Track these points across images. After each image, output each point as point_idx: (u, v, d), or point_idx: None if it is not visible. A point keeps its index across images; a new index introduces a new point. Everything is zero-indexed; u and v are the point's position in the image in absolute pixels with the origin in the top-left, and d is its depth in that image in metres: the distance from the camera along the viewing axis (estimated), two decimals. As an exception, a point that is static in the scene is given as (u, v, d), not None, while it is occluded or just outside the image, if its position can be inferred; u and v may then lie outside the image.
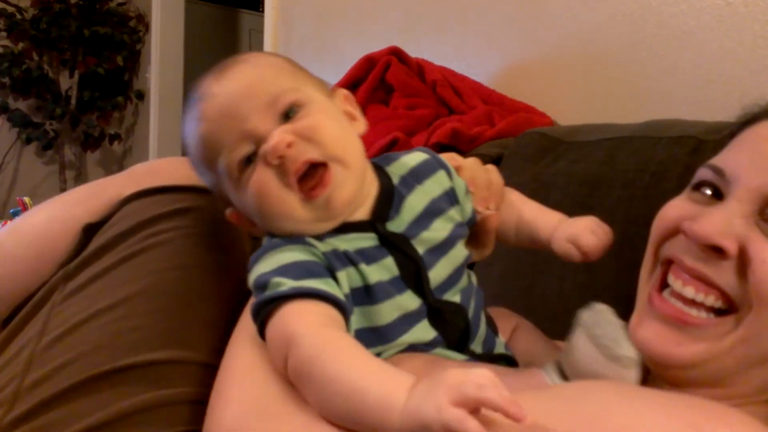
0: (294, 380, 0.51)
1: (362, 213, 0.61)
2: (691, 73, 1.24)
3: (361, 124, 0.64)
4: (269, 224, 0.59)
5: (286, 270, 0.54)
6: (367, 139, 0.65)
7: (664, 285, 0.61)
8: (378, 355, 0.58)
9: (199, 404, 0.59)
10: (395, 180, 0.64)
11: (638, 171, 0.97)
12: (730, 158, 0.61)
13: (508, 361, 0.67)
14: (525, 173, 1.17)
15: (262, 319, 0.54)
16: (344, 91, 0.66)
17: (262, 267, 0.56)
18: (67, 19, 3.67)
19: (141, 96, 3.94)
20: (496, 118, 1.44)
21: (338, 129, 0.59)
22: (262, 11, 2.77)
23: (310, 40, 2.45)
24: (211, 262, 0.69)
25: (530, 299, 1.06)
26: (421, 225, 0.62)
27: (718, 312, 0.57)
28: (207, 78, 0.60)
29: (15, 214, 2.15)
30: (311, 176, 0.56)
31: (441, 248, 0.62)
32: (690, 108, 1.22)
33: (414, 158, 0.66)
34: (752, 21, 1.16)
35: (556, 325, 0.72)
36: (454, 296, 0.63)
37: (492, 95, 1.53)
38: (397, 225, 0.61)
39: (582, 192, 1.04)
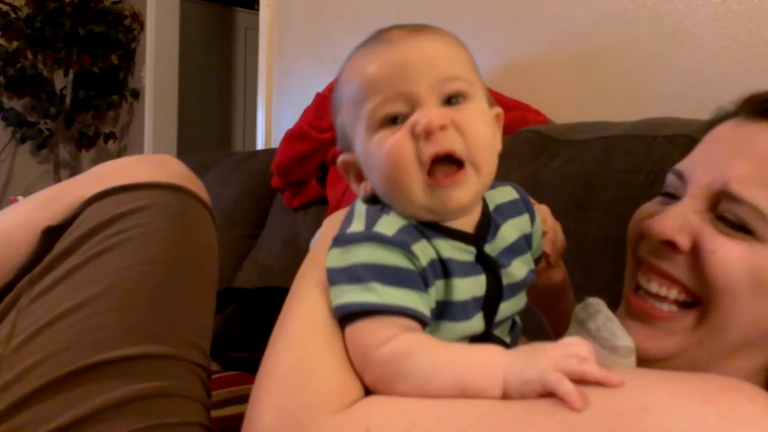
0: (380, 383, 0.53)
1: (465, 224, 0.60)
2: (686, 71, 1.24)
3: (499, 143, 0.63)
4: (382, 188, 0.58)
5: (385, 274, 0.54)
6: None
7: (639, 285, 0.65)
8: None
9: (170, 397, 0.60)
10: (491, 206, 0.64)
11: (634, 171, 0.97)
12: (689, 161, 0.65)
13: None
14: (520, 172, 1.17)
15: (347, 313, 0.55)
16: (500, 110, 0.66)
17: (361, 254, 0.55)
18: (61, 18, 3.66)
19: (136, 95, 3.93)
20: (491, 116, 1.44)
21: (488, 135, 0.58)
22: (258, 9, 2.76)
23: (305, 38, 2.44)
24: (177, 255, 0.68)
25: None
26: (507, 258, 0.62)
27: (684, 305, 0.61)
28: (399, 29, 0.60)
29: (9, 214, 2.14)
30: (444, 166, 0.55)
31: (515, 287, 0.62)
32: (685, 106, 1.22)
33: (507, 194, 0.67)
34: (747, 19, 1.15)
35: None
36: (504, 335, 0.64)
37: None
38: (491, 249, 0.61)
39: (577, 192, 1.04)
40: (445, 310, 0.57)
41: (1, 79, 3.71)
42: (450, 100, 0.57)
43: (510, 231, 0.63)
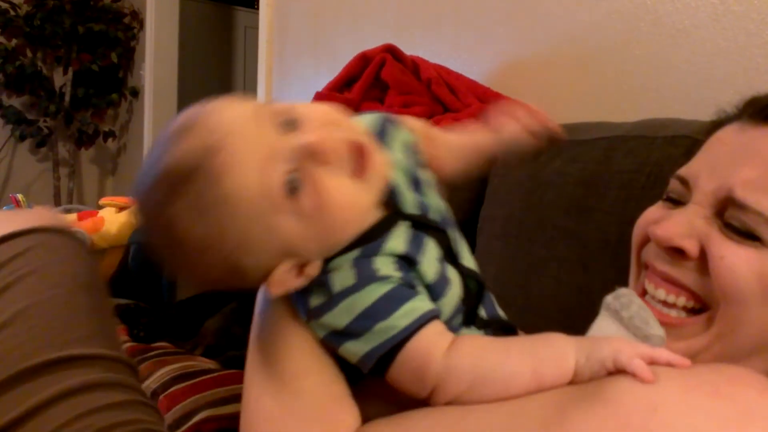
0: (467, 394, 0.52)
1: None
2: (686, 71, 1.24)
3: None
4: (332, 235, 0.54)
5: (377, 311, 0.52)
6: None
7: (646, 291, 0.64)
8: None
9: (97, 387, 0.62)
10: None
11: (634, 171, 0.97)
12: (692, 166, 0.65)
13: (506, 328, 0.66)
14: (520, 171, 1.17)
15: (383, 360, 0.53)
16: None
17: (343, 316, 0.53)
18: (61, 16, 3.65)
19: (135, 93, 3.93)
20: (491, 116, 1.44)
21: (345, 117, 0.57)
22: (257, 8, 2.76)
23: (305, 37, 2.44)
24: (72, 278, 0.71)
25: (526, 298, 1.06)
26: (423, 196, 0.60)
27: (693, 311, 0.61)
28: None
29: (8, 212, 2.13)
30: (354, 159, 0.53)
31: (446, 217, 0.62)
32: (685, 107, 1.22)
33: (371, 117, 0.64)
34: (746, 20, 1.16)
35: (552, 325, 0.72)
36: (469, 262, 0.62)
37: (487, 93, 1.53)
38: (411, 204, 0.59)
39: (578, 192, 1.04)
40: (433, 294, 0.56)
41: (0, 77, 3.71)
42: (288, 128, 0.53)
43: (400, 167, 0.60)
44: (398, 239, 0.56)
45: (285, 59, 2.57)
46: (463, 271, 0.60)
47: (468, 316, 0.61)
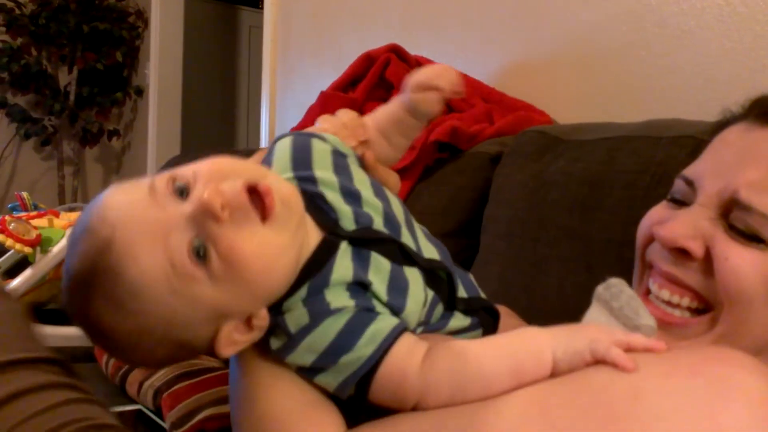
0: (453, 399, 0.51)
1: (311, 239, 0.55)
2: (691, 72, 1.24)
3: None
4: (259, 286, 0.51)
5: (339, 345, 0.52)
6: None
7: (650, 290, 0.65)
8: None
9: (38, 391, 0.61)
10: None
11: (638, 172, 0.97)
12: (698, 167, 0.64)
13: (489, 311, 0.65)
14: (524, 171, 1.17)
15: (361, 386, 0.52)
16: None
17: (306, 355, 0.52)
18: (66, 15, 3.66)
19: (140, 92, 3.93)
20: (495, 116, 1.44)
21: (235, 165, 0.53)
22: (262, 8, 2.77)
23: (309, 37, 2.45)
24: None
25: (530, 298, 1.06)
26: (357, 206, 0.58)
27: (696, 311, 0.61)
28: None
29: (13, 209, 2.14)
30: (253, 206, 0.50)
31: (390, 217, 0.59)
32: (689, 108, 1.22)
33: (284, 145, 0.62)
34: (752, 21, 1.16)
35: (556, 323, 0.72)
36: (430, 252, 0.61)
37: (492, 93, 1.53)
38: (346, 218, 0.57)
39: (582, 192, 1.04)
40: (394, 307, 0.55)
41: (5, 76, 3.72)
42: (180, 193, 0.51)
43: (328, 185, 0.58)
44: (343, 265, 0.54)
45: (289, 59, 2.58)
46: (424, 266, 0.59)
47: (448, 303, 0.60)
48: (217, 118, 4.50)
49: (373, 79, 1.58)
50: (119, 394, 1.25)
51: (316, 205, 0.57)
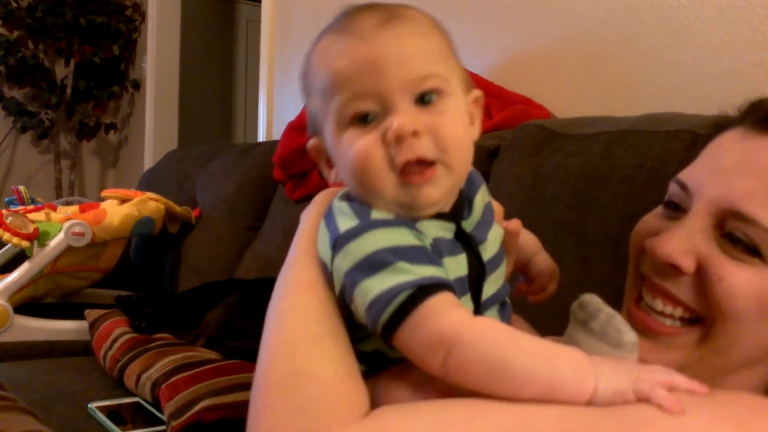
0: (458, 375, 0.50)
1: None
2: (690, 66, 1.24)
3: (477, 130, 0.61)
4: (352, 184, 0.56)
5: (406, 253, 0.52)
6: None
7: (642, 298, 0.64)
8: None
9: None
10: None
11: (636, 166, 0.97)
12: (693, 172, 0.63)
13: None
14: (522, 165, 1.17)
15: (397, 305, 0.51)
16: (479, 93, 0.63)
17: (371, 242, 0.52)
18: (62, 8, 3.66)
19: (137, 86, 3.93)
20: (493, 110, 1.44)
21: (462, 135, 0.56)
22: (259, 1, 2.76)
23: (307, 31, 2.44)
24: None
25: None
26: (482, 232, 0.60)
27: (688, 321, 0.60)
28: (370, 16, 0.55)
29: (10, 203, 2.14)
30: (415, 165, 0.53)
31: (495, 261, 0.60)
32: (688, 102, 1.22)
33: None
34: (751, 15, 1.15)
35: (552, 319, 0.72)
36: (494, 314, 0.61)
37: (490, 87, 1.53)
38: (468, 225, 0.59)
39: (580, 186, 1.04)
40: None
41: (2, 69, 3.71)
42: (423, 98, 0.54)
43: (480, 202, 0.61)
44: (438, 229, 0.56)
45: (287, 52, 2.57)
46: (479, 308, 0.59)
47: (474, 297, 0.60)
48: (215, 111, 4.50)
49: (370, 72, 1.58)
50: (117, 386, 1.26)
51: (463, 195, 0.60)
